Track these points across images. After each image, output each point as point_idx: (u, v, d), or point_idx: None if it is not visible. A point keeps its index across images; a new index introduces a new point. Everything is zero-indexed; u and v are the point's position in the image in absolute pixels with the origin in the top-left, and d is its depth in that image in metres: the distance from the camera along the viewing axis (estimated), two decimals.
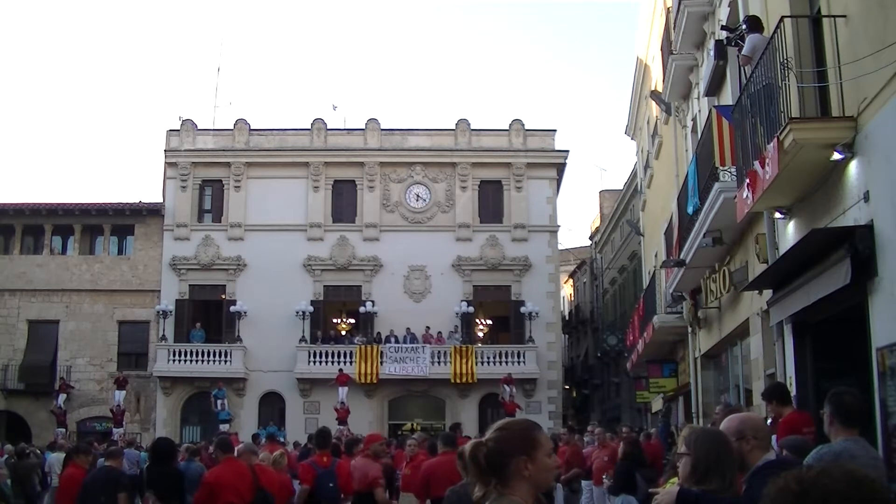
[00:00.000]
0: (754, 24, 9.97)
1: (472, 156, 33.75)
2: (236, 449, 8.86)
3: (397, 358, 31.20)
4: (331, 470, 9.34)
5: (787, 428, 6.94)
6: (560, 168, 34.44)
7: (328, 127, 34.39)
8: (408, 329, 31.88)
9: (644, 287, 25.50)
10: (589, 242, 48.19)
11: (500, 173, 33.78)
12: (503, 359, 31.68)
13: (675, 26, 16.73)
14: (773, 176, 8.24)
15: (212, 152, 33.71)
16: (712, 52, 13.09)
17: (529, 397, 31.51)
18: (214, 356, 31.68)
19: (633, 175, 32.05)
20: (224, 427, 26.80)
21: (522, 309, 32.24)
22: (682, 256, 15.26)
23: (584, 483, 14.49)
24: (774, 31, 8.31)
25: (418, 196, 33.66)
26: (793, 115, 8.05)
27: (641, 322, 22.86)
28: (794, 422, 7.18)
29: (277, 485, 9.00)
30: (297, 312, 31.56)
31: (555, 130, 34.62)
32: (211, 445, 11.99)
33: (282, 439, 22.27)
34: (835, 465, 1.87)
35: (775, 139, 8.04)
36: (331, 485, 9.19)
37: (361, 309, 32.36)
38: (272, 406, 32.06)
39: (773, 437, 6.04)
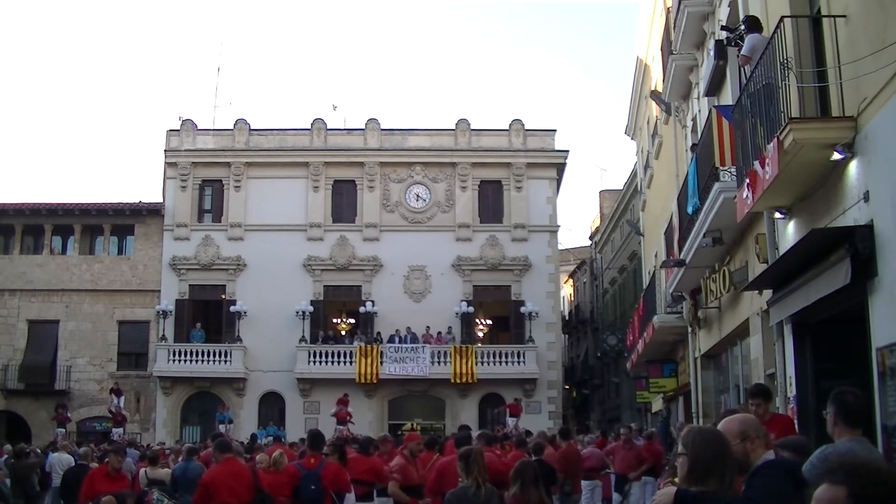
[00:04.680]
0: (753, 23, 9.97)
1: (472, 156, 33.73)
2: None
3: (397, 358, 31.17)
4: (315, 472, 9.34)
5: (783, 429, 6.99)
6: (560, 168, 34.43)
7: (328, 127, 34.37)
8: (408, 329, 31.86)
9: (644, 287, 25.48)
10: (589, 242, 48.15)
11: (500, 173, 33.76)
12: (503, 359, 31.68)
13: (675, 26, 16.72)
14: (773, 176, 8.23)
15: (212, 152, 33.69)
16: (712, 52, 13.08)
17: (529, 397, 31.49)
18: (214, 356, 31.67)
19: (633, 175, 32.03)
20: (221, 427, 26.83)
21: (522, 309, 32.21)
22: (682, 256, 15.26)
23: (584, 483, 14.48)
24: (774, 31, 8.30)
25: (418, 196, 33.63)
26: (793, 115, 8.04)
27: (641, 322, 22.84)
28: (788, 423, 7.26)
29: (279, 488, 9.05)
30: (297, 312, 31.54)
31: (555, 130, 34.62)
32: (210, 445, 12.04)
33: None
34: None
35: (775, 139, 8.03)
36: (312, 487, 9.19)
37: (361, 309, 32.34)
38: (272, 406, 32.06)
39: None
